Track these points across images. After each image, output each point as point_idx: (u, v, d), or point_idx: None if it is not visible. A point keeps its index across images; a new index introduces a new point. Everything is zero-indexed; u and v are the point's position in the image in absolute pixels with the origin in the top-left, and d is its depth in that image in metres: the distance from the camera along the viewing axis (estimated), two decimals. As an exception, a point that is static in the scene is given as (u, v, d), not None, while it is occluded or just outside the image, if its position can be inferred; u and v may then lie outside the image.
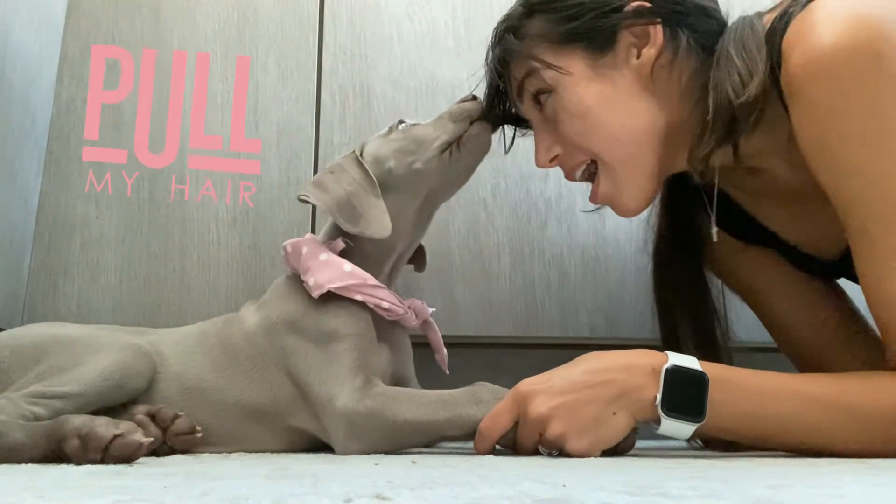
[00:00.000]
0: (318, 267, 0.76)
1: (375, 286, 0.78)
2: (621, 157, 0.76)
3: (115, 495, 0.36)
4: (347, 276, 0.76)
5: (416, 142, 0.82)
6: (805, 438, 0.64)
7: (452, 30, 1.17)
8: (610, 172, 0.77)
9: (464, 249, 1.10)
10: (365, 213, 0.78)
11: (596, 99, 0.74)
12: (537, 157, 0.81)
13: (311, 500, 0.34)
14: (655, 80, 0.74)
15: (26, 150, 1.03)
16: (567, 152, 0.79)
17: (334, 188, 0.79)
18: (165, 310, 1.03)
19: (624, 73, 0.74)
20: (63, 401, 0.65)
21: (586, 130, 0.76)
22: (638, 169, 0.76)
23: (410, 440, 0.69)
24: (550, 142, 0.79)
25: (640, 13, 0.73)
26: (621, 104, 0.75)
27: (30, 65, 1.04)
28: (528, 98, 0.79)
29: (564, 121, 0.76)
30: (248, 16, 1.16)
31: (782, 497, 0.36)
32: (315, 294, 0.75)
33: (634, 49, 0.74)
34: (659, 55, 0.73)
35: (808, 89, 0.64)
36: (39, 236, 1.03)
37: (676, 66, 0.74)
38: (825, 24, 0.63)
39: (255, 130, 1.11)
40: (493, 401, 0.67)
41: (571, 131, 0.76)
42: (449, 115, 0.84)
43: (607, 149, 0.76)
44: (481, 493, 0.36)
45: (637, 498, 0.35)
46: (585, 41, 0.75)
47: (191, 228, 1.06)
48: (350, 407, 0.69)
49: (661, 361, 0.64)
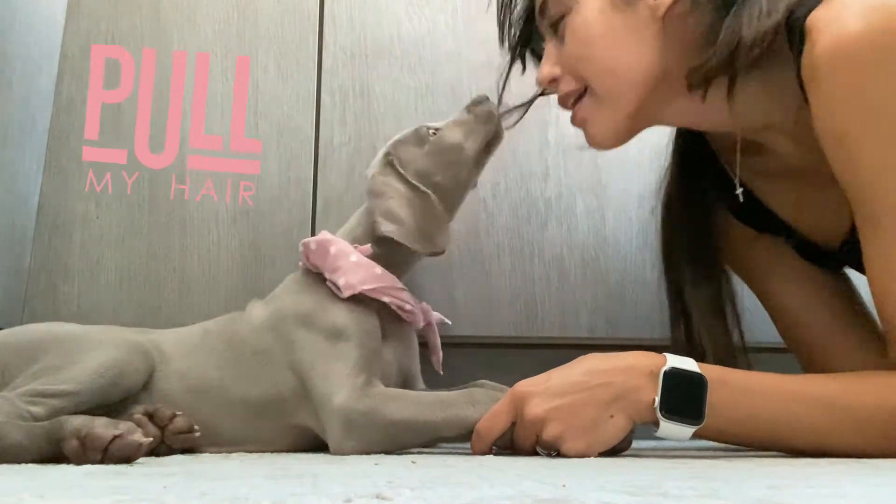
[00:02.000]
0: (349, 268, 0.77)
1: (401, 289, 0.80)
2: (610, 89, 0.76)
3: (115, 495, 0.36)
4: (379, 279, 0.77)
5: (454, 150, 0.84)
6: (805, 440, 0.64)
7: (452, 30, 1.17)
8: (594, 100, 0.78)
9: (464, 249, 1.10)
10: (433, 231, 0.80)
11: (604, 29, 0.75)
12: (540, 72, 0.81)
13: (311, 500, 0.34)
14: (667, 26, 0.73)
15: (26, 150, 1.03)
16: (565, 77, 0.79)
17: (406, 216, 0.80)
18: (165, 310, 1.03)
19: (638, 10, 0.74)
20: (60, 399, 0.65)
21: (586, 56, 0.76)
22: (620, 105, 0.76)
23: (406, 440, 0.69)
24: (555, 61, 0.79)
25: None
26: (627, 40, 0.74)
27: (30, 65, 1.04)
28: (547, 18, 0.79)
29: (569, 43, 0.77)
30: (248, 16, 1.16)
31: (782, 497, 0.36)
32: (345, 294, 0.76)
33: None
34: (675, 1, 0.72)
35: (832, 77, 0.63)
36: (39, 236, 1.03)
37: (692, 16, 0.72)
38: (857, 12, 0.62)
39: (255, 130, 1.11)
40: (490, 402, 0.67)
41: (572, 54, 0.77)
42: (474, 118, 0.85)
43: (600, 78, 0.76)
44: (481, 493, 0.36)
45: (637, 498, 0.35)
46: None
47: (191, 228, 1.06)
48: (348, 404, 0.69)
49: (659, 363, 0.63)
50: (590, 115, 0.79)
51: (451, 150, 0.84)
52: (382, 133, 1.12)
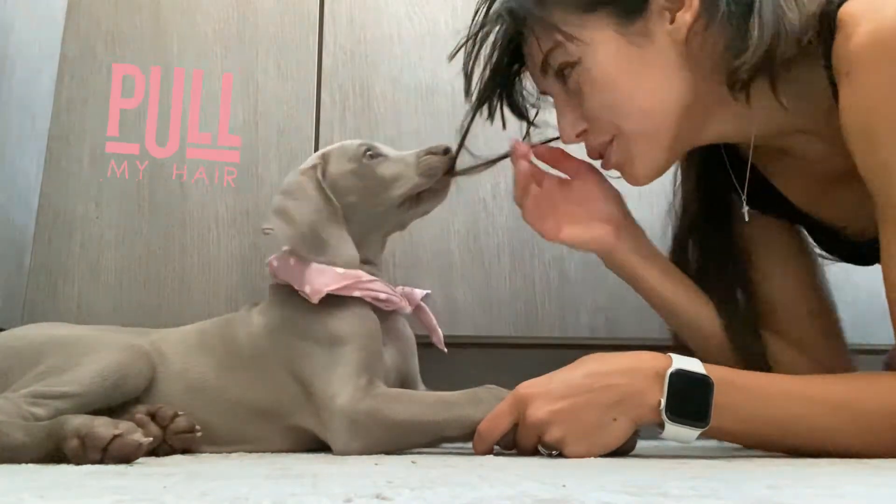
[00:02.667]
0: (311, 274, 0.77)
1: (370, 280, 0.78)
2: (645, 129, 0.72)
3: (115, 495, 0.36)
4: (342, 278, 0.77)
5: (380, 184, 0.81)
6: (810, 440, 0.63)
7: (452, 30, 1.17)
8: (626, 142, 0.73)
9: (464, 249, 1.10)
10: (331, 242, 0.78)
11: (624, 69, 0.70)
12: (562, 133, 0.76)
13: (311, 500, 0.34)
14: (690, 47, 0.69)
15: (26, 150, 1.03)
16: (593, 127, 0.74)
17: (298, 219, 0.78)
18: (165, 310, 1.03)
19: (655, 40, 0.69)
20: (62, 401, 0.65)
21: (613, 103, 0.71)
22: (658, 141, 0.72)
23: (410, 440, 0.69)
24: (575, 116, 0.74)
25: None
26: (652, 75, 0.70)
27: (30, 65, 1.04)
28: (552, 72, 0.73)
29: (589, 94, 0.71)
30: (248, 16, 1.16)
31: (782, 497, 0.36)
32: (314, 299, 0.75)
33: (668, 13, 0.69)
34: (695, 20, 0.67)
35: (869, 69, 0.60)
36: (39, 236, 1.03)
37: (711, 34, 0.67)
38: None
39: (255, 130, 1.11)
40: (494, 402, 0.67)
41: (597, 105, 0.72)
42: (416, 166, 0.81)
43: (633, 121, 0.71)
44: (481, 493, 0.36)
45: (637, 498, 0.35)
46: (613, 5, 0.69)
47: (191, 228, 1.06)
48: (351, 406, 0.69)
49: (665, 364, 0.62)
50: (626, 157, 0.74)
51: (376, 182, 0.81)
52: (382, 133, 1.12)
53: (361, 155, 0.82)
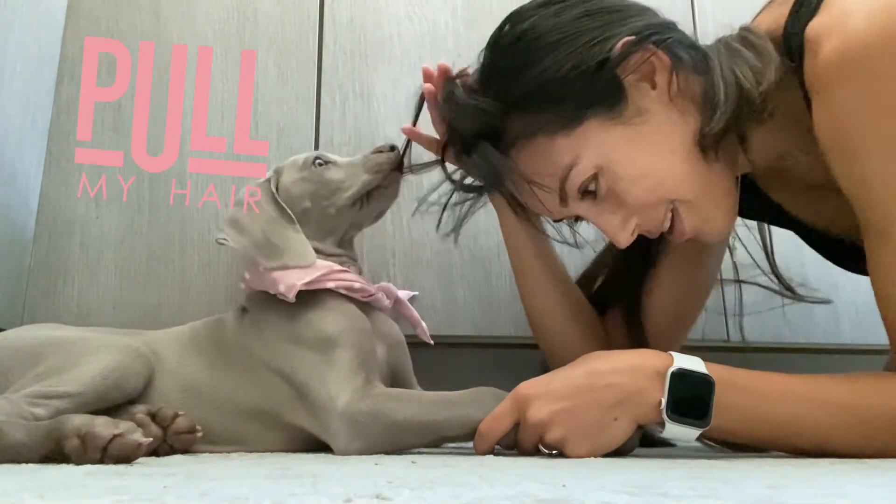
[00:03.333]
0: (281, 276, 0.77)
1: (341, 271, 0.80)
2: (698, 190, 0.71)
3: (115, 495, 0.36)
4: (313, 270, 0.78)
5: (328, 187, 0.84)
6: (812, 441, 0.63)
7: (452, 30, 1.17)
8: (691, 208, 0.72)
9: (464, 249, 1.10)
10: (285, 246, 0.79)
11: (644, 150, 0.69)
12: (618, 239, 0.73)
13: (311, 500, 0.34)
14: (680, 101, 0.69)
15: (26, 150, 1.03)
16: (643, 215, 0.72)
17: (251, 227, 0.80)
18: (165, 310, 1.03)
19: (651, 110, 0.69)
20: (62, 400, 0.65)
21: (655, 186, 0.70)
22: (713, 193, 0.72)
23: (411, 440, 0.69)
24: (622, 217, 0.72)
25: (629, 50, 0.67)
26: (668, 140, 0.70)
27: (30, 65, 1.04)
28: (574, 197, 0.71)
29: (628, 191, 0.70)
30: (248, 16, 1.16)
31: (782, 497, 0.36)
32: (290, 296, 0.75)
33: (645, 83, 0.69)
34: (672, 75, 0.69)
35: (833, 87, 0.61)
36: (39, 236, 1.03)
37: (691, 80, 0.69)
38: (863, 14, 0.60)
39: (255, 131, 1.11)
40: (495, 402, 0.67)
41: (641, 196, 0.70)
42: (363, 165, 0.84)
43: (682, 190, 0.70)
44: (481, 493, 0.36)
45: (637, 498, 0.35)
46: (594, 106, 0.68)
47: (191, 228, 1.06)
48: (352, 407, 0.69)
49: (666, 363, 0.62)
50: (699, 220, 0.72)
51: (327, 186, 0.84)
52: (382, 133, 1.12)
53: (311, 163, 0.85)
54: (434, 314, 1.05)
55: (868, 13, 0.60)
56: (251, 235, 0.80)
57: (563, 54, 0.68)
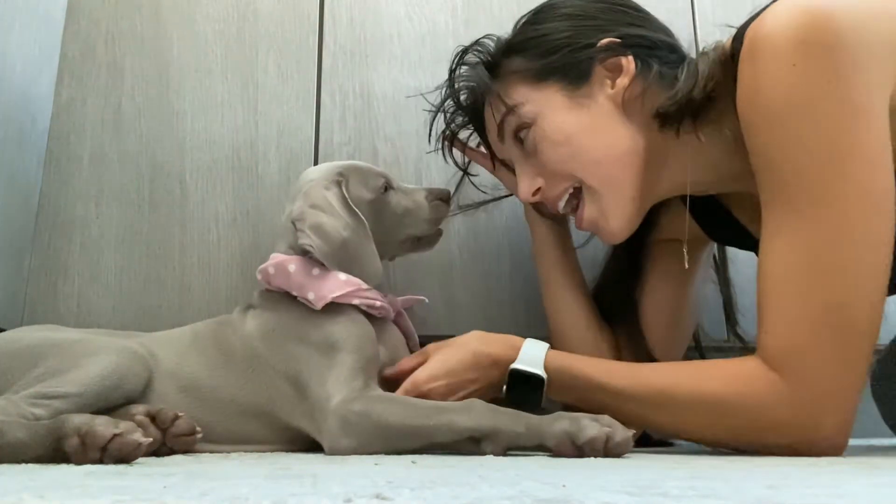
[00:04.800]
0: (313, 281, 0.79)
1: (367, 289, 0.81)
2: (604, 179, 0.79)
3: (115, 495, 0.36)
4: (345, 285, 0.79)
5: (391, 220, 0.87)
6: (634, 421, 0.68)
7: (452, 30, 1.17)
8: (594, 196, 0.80)
9: (464, 249, 1.10)
10: (360, 258, 0.81)
11: (575, 126, 0.78)
12: (521, 190, 0.84)
13: (311, 500, 0.34)
14: (630, 107, 0.78)
15: (26, 150, 1.03)
16: (550, 182, 0.82)
17: (333, 234, 0.80)
18: (165, 310, 1.03)
19: (599, 101, 0.78)
20: (62, 401, 0.65)
21: (568, 156, 0.79)
22: (620, 191, 0.79)
23: (400, 442, 0.70)
24: (533, 173, 0.83)
25: (611, 48, 0.78)
26: (600, 129, 0.78)
27: (30, 65, 1.04)
28: (508, 136, 0.83)
29: (546, 150, 0.80)
30: (248, 16, 1.16)
31: (782, 497, 0.36)
32: (319, 306, 0.77)
33: (608, 80, 0.78)
34: (631, 83, 0.77)
35: (743, 68, 0.67)
36: (39, 236, 1.03)
37: (649, 94, 0.77)
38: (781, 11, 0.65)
39: (255, 131, 1.11)
40: (486, 412, 0.67)
41: (553, 159, 0.80)
42: (428, 209, 0.89)
43: (590, 172, 0.79)
44: (481, 493, 0.36)
45: (637, 498, 0.35)
46: (561, 75, 0.79)
47: (191, 228, 1.06)
48: (344, 406, 0.70)
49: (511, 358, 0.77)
50: (596, 212, 0.81)
51: (388, 218, 0.87)
52: (382, 133, 1.12)
53: (379, 188, 0.87)
54: (434, 314, 1.05)
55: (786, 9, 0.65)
56: (332, 243, 0.80)
57: (566, 25, 0.80)
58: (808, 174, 0.63)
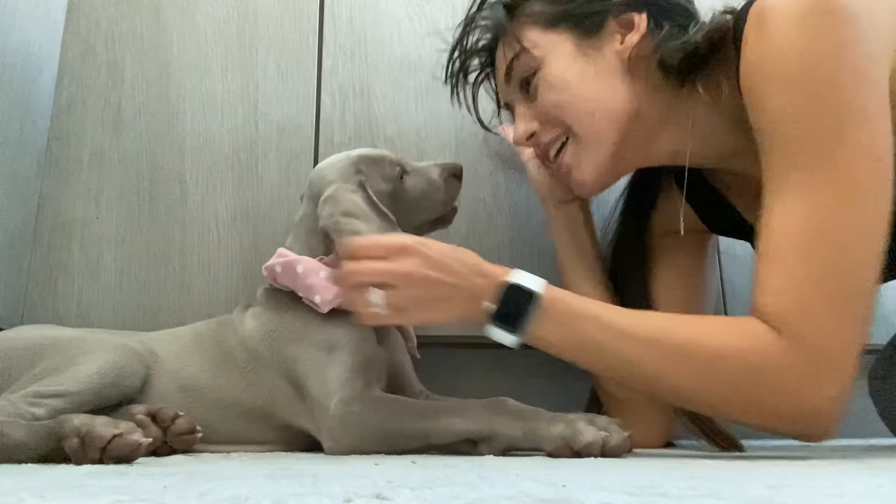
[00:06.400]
0: (321, 285, 0.78)
1: None
2: (590, 130, 0.80)
3: (115, 495, 0.36)
4: None
5: (409, 203, 0.87)
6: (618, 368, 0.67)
7: (452, 30, 1.17)
8: (577, 145, 0.81)
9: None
10: None
11: (577, 75, 0.79)
12: (516, 134, 0.86)
13: (311, 500, 0.34)
14: (635, 66, 0.78)
15: (26, 151, 1.03)
16: (544, 128, 0.83)
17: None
18: (165, 310, 1.03)
19: (606, 54, 0.79)
20: (61, 399, 0.65)
21: (563, 102, 0.80)
22: (602, 145, 0.80)
23: (398, 443, 0.70)
24: (529, 117, 0.84)
25: (627, 2, 0.79)
26: (600, 82, 0.79)
27: (30, 65, 1.04)
28: (515, 81, 0.84)
29: (544, 94, 0.81)
30: (248, 16, 1.16)
31: (782, 497, 0.36)
32: (324, 310, 0.77)
33: (619, 35, 0.79)
34: (640, 42, 0.77)
35: (748, 39, 0.67)
36: (39, 236, 1.03)
37: (656, 57, 0.77)
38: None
39: (255, 130, 1.11)
40: (483, 414, 0.67)
41: (549, 103, 0.81)
42: (444, 189, 0.89)
43: (580, 121, 0.80)
44: (481, 493, 0.36)
45: (637, 498, 0.35)
46: (574, 22, 0.80)
47: (191, 228, 1.06)
48: (344, 407, 0.70)
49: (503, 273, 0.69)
50: (574, 160, 0.82)
51: (407, 202, 0.87)
52: (382, 133, 1.12)
53: (396, 176, 0.86)
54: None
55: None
56: None
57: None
58: (817, 134, 0.62)
